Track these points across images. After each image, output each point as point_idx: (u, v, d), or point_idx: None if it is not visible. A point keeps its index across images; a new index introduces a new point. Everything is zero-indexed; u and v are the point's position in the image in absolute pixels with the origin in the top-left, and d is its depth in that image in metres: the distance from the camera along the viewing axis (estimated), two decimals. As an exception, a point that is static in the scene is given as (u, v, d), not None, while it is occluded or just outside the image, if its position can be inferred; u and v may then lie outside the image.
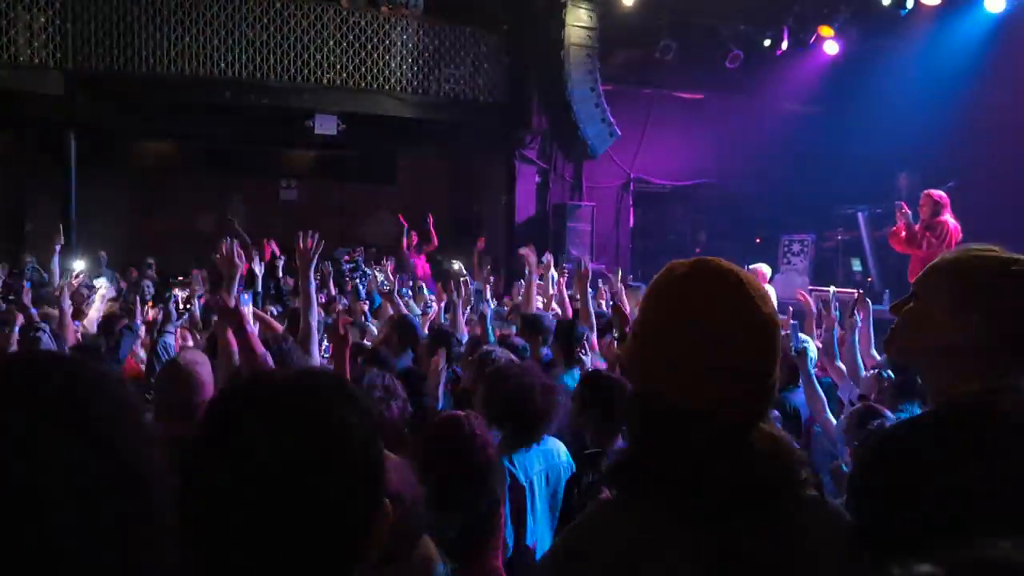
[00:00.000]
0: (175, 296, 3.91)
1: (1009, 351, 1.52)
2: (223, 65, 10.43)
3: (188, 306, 3.96)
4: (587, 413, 3.27)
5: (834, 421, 3.92)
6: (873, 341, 4.74)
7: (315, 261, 3.42)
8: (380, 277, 5.80)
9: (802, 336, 4.66)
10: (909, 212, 7.76)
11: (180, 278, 4.41)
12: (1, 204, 12.66)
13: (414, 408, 3.58)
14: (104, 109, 10.36)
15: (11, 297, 4.09)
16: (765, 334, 1.29)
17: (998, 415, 1.46)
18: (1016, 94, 9.75)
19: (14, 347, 4.05)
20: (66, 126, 10.21)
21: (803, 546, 1.26)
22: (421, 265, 11.40)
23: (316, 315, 3.50)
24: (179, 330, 4.49)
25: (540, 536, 3.27)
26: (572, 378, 4.07)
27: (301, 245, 3.48)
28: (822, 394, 4.11)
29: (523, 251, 5.74)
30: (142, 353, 4.88)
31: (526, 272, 6.07)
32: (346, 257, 10.48)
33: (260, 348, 3.21)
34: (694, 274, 1.32)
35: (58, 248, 7.55)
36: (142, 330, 5.03)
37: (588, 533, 1.31)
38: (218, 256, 3.26)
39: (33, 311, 3.80)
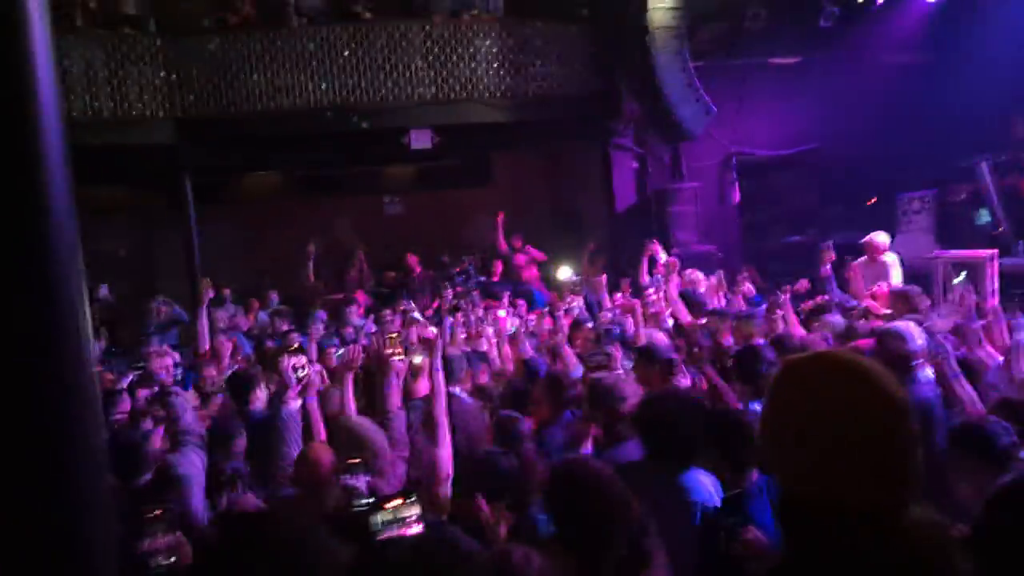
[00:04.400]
0: (289, 362, 3.99)
1: None
2: (318, 94, 10.79)
3: (304, 370, 4.05)
4: (713, 455, 3.14)
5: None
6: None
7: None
8: (509, 323, 5.62)
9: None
10: None
11: (293, 347, 4.47)
12: (129, 254, 13.50)
13: None
14: (213, 150, 10.89)
15: (140, 364, 4.28)
16: (898, 418, 1.27)
17: None
18: None
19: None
20: (180, 171, 10.80)
21: None
22: (526, 266, 11.48)
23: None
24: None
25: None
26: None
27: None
28: (970, 390, 3.89)
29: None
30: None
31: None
32: (456, 269, 10.60)
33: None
34: (817, 371, 1.31)
35: (207, 298, 7.27)
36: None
37: None
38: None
39: (163, 376, 4.01)
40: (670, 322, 6.25)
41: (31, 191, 1.41)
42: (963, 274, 6.22)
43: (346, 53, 10.76)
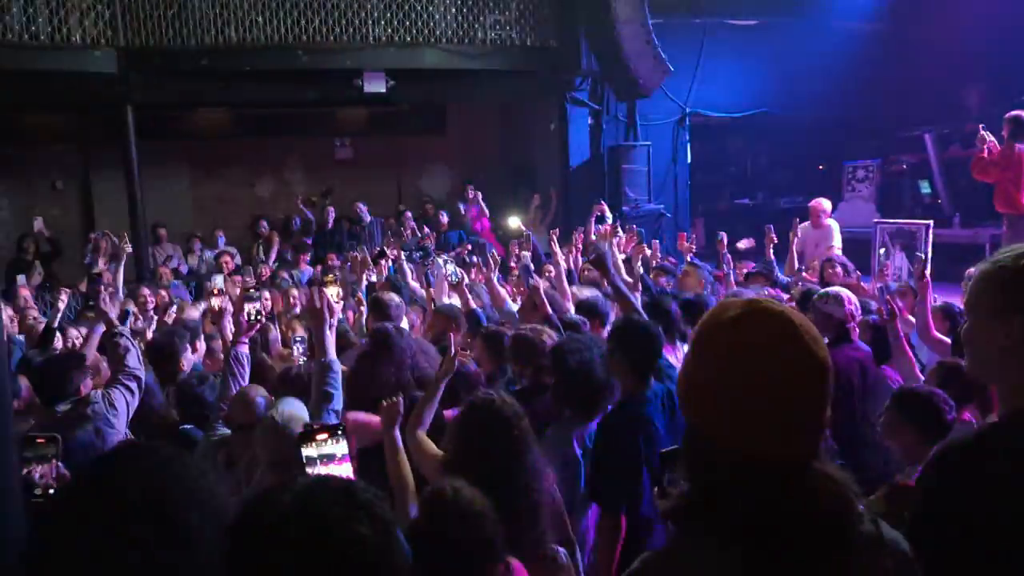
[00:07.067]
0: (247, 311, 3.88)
1: None
2: (269, 30, 10.45)
3: (259, 317, 3.95)
4: (617, 359, 3.34)
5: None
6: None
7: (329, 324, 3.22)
8: (450, 268, 5.68)
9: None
10: (989, 138, 7.44)
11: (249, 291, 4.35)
12: (70, 181, 13.05)
13: None
14: (157, 83, 10.50)
15: (91, 303, 4.15)
16: (818, 377, 1.29)
17: None
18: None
19: (92, 353, 4.19)
20: (122, 103, 10.39)
21: None
22: (477, 219, 11.42)
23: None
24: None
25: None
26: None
27: (316, 305, 3.23)
28: (912, 356, 4.07)
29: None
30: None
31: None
32: (417, 244, 10.33)
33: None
34: (745, 318, 1.31)
35: (125, 256, 7.08)
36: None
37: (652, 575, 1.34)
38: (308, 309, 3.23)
39: (112, 314, 3.89)
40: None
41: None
42: (882, 251, 6.47)
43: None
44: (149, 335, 5.17)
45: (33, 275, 8.11)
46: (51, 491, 2.34)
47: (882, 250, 6.40)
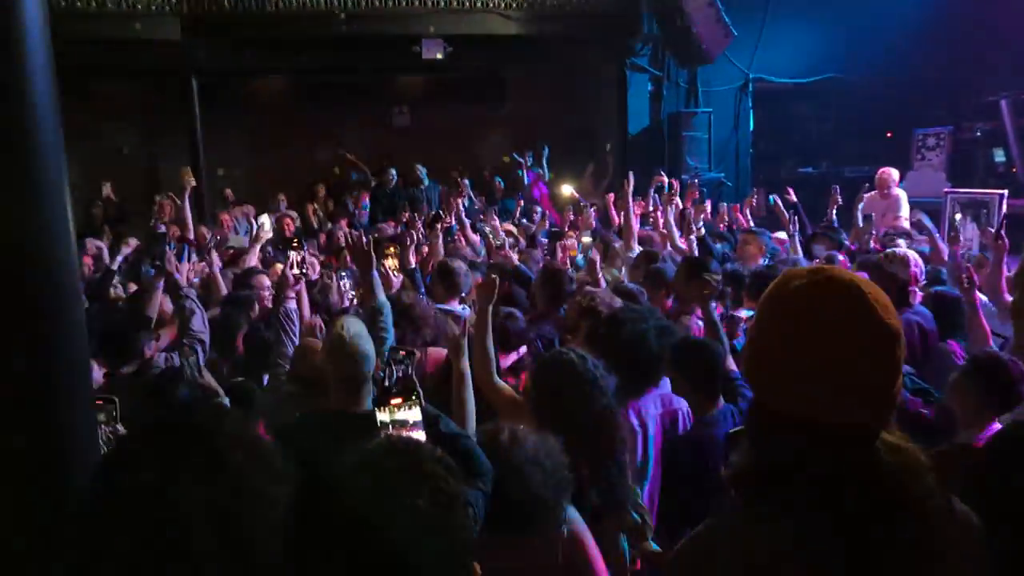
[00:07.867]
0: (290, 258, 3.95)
1: None
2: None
3: (304, 269, 4.03)
4: (678, 381, 3.27)
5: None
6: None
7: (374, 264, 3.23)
8: (487, 229, 5.77)
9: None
10: None
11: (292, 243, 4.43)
12: (136, 147, 13.37)
13: None
14: (219, 51, 10.63)
15: (157, 263, 4.25)
16: (888, 346, 1.25)
17: None
18: None
19: (155, 313, 4.28)
20: (186, 70, 10.56)
21: (932, 559, 1.26)
22: (535, 185, 11.36)
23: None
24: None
25: (650, 479, 3.30)
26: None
27: (357, 245, 3.28)
28: (987, 325, 3.95)
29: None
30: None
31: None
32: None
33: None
34: (812, 287, 1.27)
35: (189, 189, 7.14)
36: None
37: (714, 543, 1.33)
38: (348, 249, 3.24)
39: (178, 276, 3.96)
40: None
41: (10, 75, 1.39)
42: (958, 216, 6.20)
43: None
44: (214, 270, 5.20)
45: (102, 239, 8.34)
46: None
47: (958, 215, 6.14)
